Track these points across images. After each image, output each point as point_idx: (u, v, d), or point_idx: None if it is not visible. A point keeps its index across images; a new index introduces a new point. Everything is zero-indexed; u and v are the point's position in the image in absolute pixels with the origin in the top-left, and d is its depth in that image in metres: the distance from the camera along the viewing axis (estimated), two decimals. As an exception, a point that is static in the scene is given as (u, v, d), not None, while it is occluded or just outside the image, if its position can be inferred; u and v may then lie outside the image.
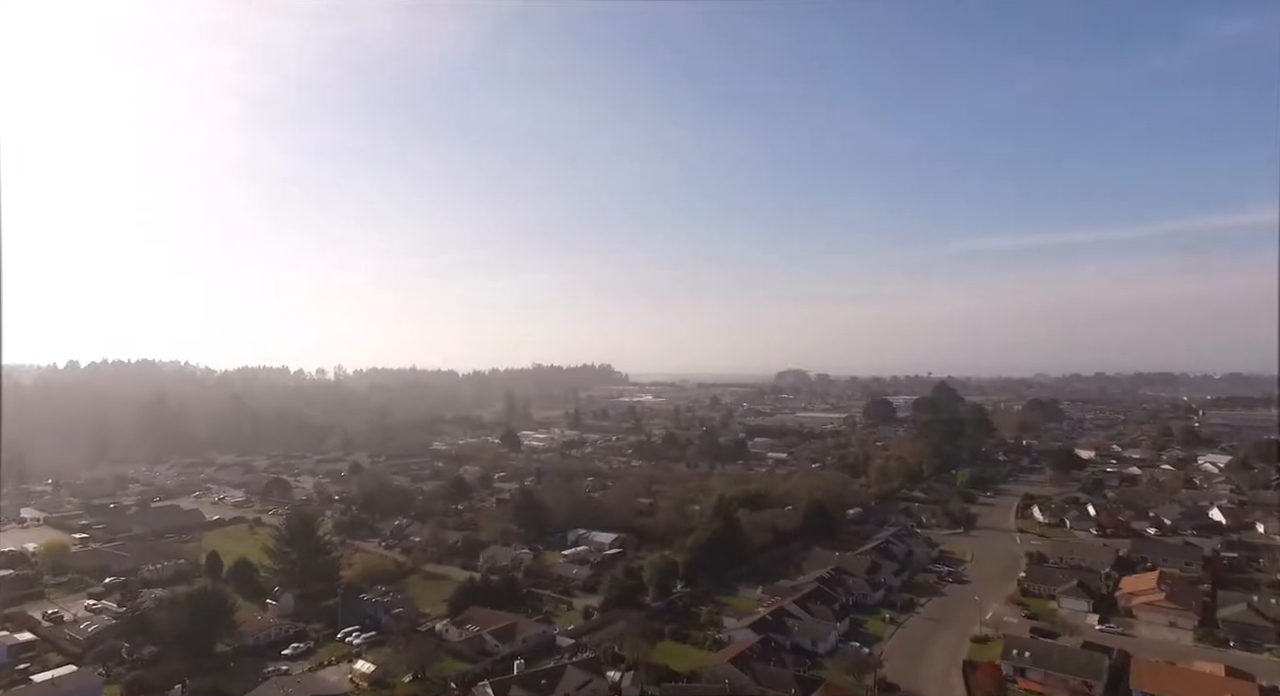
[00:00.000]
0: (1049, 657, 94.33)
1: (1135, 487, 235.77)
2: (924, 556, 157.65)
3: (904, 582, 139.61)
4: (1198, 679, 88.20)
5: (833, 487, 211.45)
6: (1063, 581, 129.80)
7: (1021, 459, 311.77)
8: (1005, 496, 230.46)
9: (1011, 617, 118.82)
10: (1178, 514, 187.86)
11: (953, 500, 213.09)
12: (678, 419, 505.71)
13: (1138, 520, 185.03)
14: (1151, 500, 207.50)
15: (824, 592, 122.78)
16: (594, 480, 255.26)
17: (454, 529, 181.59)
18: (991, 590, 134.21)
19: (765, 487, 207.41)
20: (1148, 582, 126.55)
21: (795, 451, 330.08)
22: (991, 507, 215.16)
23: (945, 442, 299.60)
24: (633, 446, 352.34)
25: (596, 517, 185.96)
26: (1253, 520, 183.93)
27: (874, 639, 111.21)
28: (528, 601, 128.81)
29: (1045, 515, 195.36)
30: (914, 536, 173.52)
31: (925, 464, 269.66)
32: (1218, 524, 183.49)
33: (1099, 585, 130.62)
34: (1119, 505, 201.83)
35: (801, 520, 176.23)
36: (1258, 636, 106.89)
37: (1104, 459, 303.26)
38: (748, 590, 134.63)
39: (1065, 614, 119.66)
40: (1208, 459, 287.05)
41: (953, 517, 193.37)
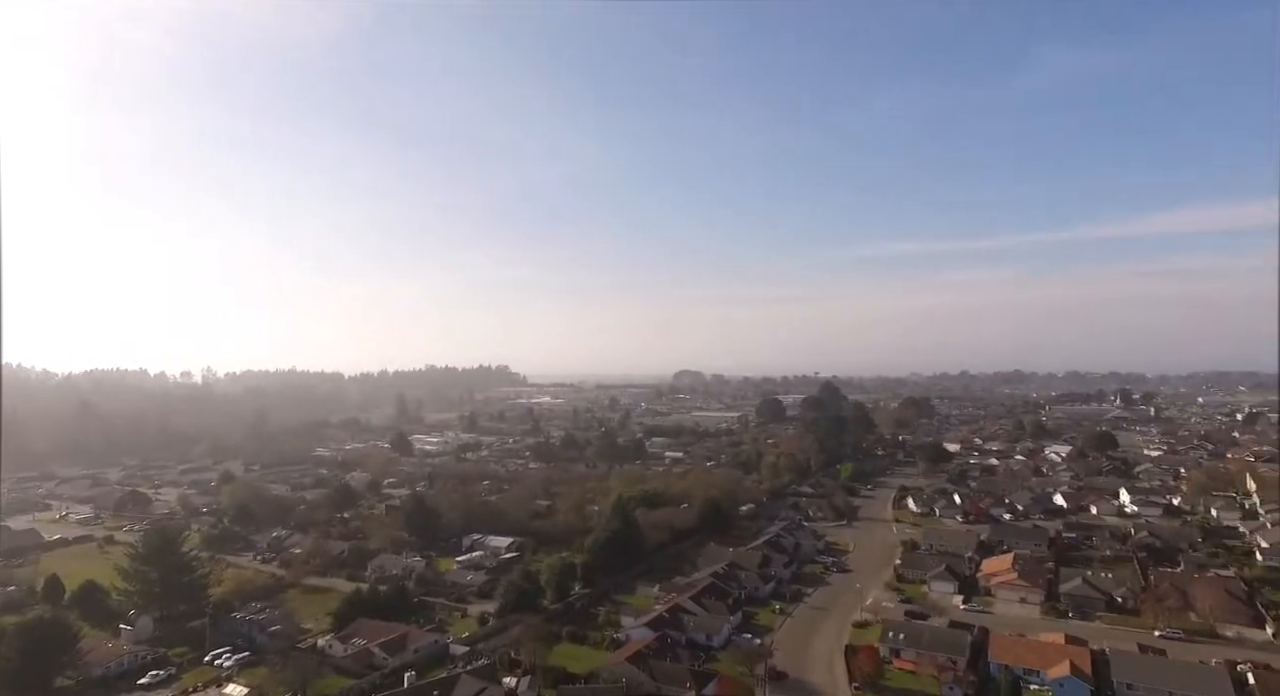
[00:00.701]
0: (920, 638, 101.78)
1: (994, 477, 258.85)
2: (811, 548, 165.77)
3: (793, 574, 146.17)
4: (1042, 648, 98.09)
5: (727, 485, 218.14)
6: (933, 566, 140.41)
7: (898, 453, 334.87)
8: (884, 488, 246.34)
9: (889, 602, 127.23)
10: (1028, 500, 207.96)
11: (837, 494, 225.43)
12: (576, 420, 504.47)
13: (996, 507, 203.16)
14: (1007, 488, 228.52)
15: (718, 587, 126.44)
16: (490, 483, 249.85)
17: (339, 538, 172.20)
18: (871, 577, 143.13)
19: (662, 487, 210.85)
20: (1004, 564, 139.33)
21: (691, 450, 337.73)
22: (872, 499, 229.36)
23: (830, 439, 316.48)
24: (531, 448, 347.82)
25: (493, 522, 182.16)
26: (1088, 503, 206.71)
27: (765, 629, 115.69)
28: (420, 611, 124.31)
29: (918, 505, 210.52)
30: (802, 529, 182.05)
31: (813, 459, 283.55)
32: (1060, 507, 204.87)
33: (963, 568, 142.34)
34: (980, 494, 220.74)
35: (697, 517, 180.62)
36: (1091, 606, 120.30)
37: (968, 452, 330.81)
38: (645, 588, 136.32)
39: (935, 596, 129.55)
40: (1052, 449, 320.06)
41: (837, 510, 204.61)
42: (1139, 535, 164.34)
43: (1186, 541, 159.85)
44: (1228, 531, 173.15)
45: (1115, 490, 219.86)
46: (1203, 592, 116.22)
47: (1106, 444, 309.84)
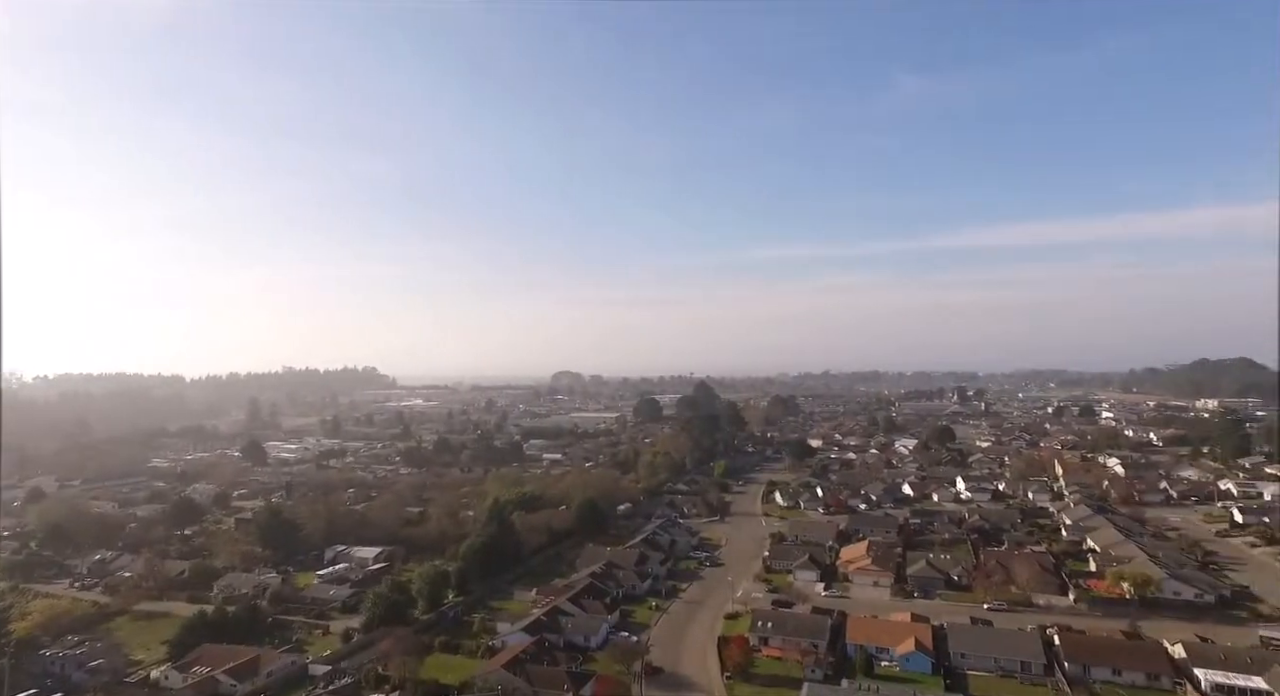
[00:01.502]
0: (786, 625, 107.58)
1: (852, 470, 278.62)
2: (686, 544, 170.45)
3: (669, 570, 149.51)
4: (892, 627, 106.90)
5: (605, 485, 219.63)
6: (797, 556, 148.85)
7: (767, 449, 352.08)
8: (754, 484, 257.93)
9: (758, 593, 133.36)
10: (881, 490, 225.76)
11: (711, 490, 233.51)
12: (451, 423, 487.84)
13: (853, 498, 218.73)
14: (863, 480, 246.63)
15: (596, 587, 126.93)
16: (356, 491, 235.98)
17: (180, 558, 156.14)
18: (742, 570, 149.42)
19: (540, 489, 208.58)
20: (860, 551, 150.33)
21: (570, 451, 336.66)
22: (743, 495, 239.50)
23: (705, 437, 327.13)
24: (401, 453, 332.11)
25: (360, 531, 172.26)
26: (930, 491, 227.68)
27: (642, 627, 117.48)
28: (276, 631, 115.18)
29: (785, 499, 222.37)
30: (678, 526, 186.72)
31: (688, 458, 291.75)
32: (908, 496, 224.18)
33: (825, 557, 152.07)
34: (840, 486, 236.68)
35: (575, 518, 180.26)
36: (933, 586, 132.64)
37: (829, 446, 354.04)
38: (523, 592, 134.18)
39: (799, 584, 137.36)
40: (901, 443, 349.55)
41: (711, 506, 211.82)
42: (972, 519, 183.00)
43: (1009, 522, 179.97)
44: (1041, 512, 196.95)
45: (953, 478, 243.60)
46: (1021, 567, 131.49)
47: (946, 437, 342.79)
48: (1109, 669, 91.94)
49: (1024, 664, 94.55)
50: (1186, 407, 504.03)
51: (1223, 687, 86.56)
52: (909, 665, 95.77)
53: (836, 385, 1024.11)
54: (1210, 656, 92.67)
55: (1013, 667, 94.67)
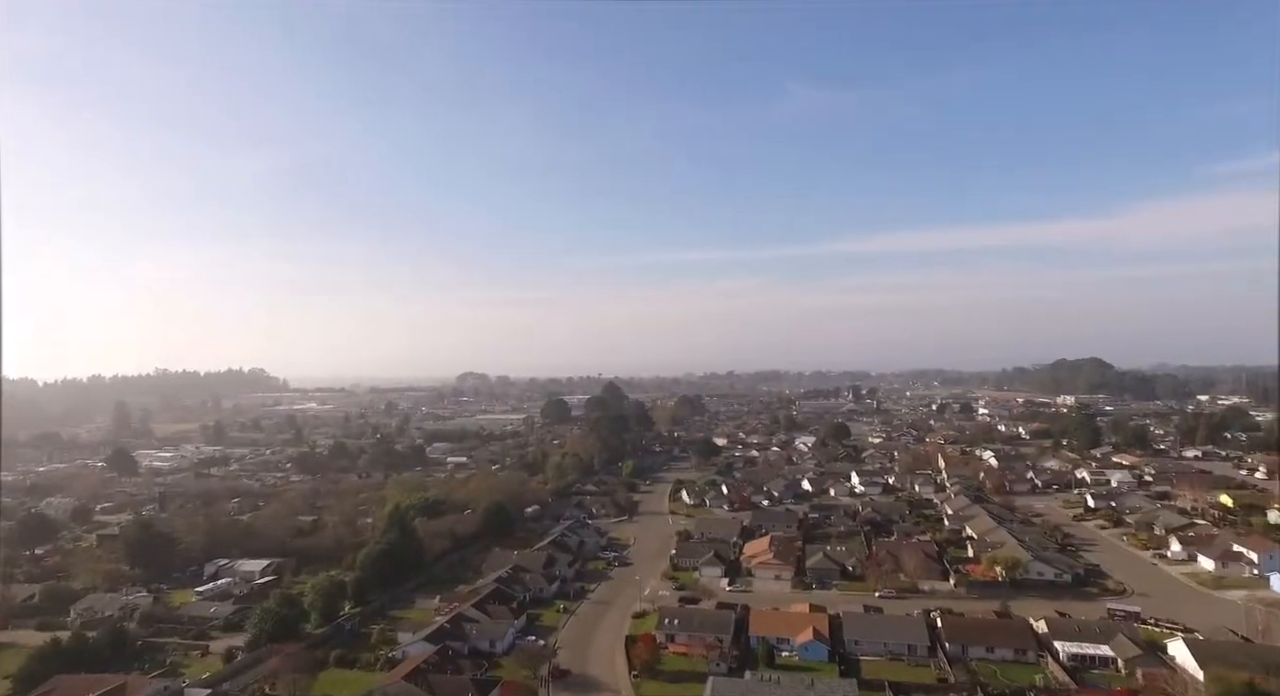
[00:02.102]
0: (692, 621, 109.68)
1: (755, 467, 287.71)
2: (595, 545, 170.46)
3: (577, 572, 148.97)
4: (792, 617, 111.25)
5: (512, 487, 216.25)
6: (703, 553, 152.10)
7: (674, 449, 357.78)
8: (662, 483, 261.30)
9: (665, 590, 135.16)
10: (782, 486, 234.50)
11: (619, 490, 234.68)
12: (348, 427, 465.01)
13: (756, 494, 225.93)
14: (766, 477, 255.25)
15: (502, 592, 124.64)
16: (242, 501, 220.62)
17: (29, 580, 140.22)
18: (650, 568, 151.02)
19: (445, 493, 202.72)
20: (762, 546, 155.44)
21: (475, 454, 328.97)
22: (651, 494, 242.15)
23: (613, 437, 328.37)
24: (293, 459, 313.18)
25: (245, 544, 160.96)
26: (828, 486, 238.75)
27: (550, 629, 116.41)
28: (147, 654, 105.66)
29: (691, 497, 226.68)
30: (586, 527, 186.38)
31: (596, 458, 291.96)
32: (807, 492, 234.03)
33: (729, 553, 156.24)
34: (744, 483, 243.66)
35: (481, 522, 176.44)
36: (830, 577, 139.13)
37: (734, 445, 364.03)
38: (426, 600, 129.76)
39: (705, 580, 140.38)
40: (801, 440, 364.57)
41: (619, 506, 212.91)
42: (865, 512, 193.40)
43: (899, 514, 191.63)
44: (926, 503, 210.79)
45: (848, 474, 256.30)
46: (908, 556, 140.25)
47: (842, 434, 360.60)
48: (983, 647, 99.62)
49: (910, 647, 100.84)
50: (1049, 404, 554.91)
51: (1077, 656, 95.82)
52: (807, 654, 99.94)
53: (741, 385, 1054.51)
54: (1067, 629, 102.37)
55: (901, 651, 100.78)
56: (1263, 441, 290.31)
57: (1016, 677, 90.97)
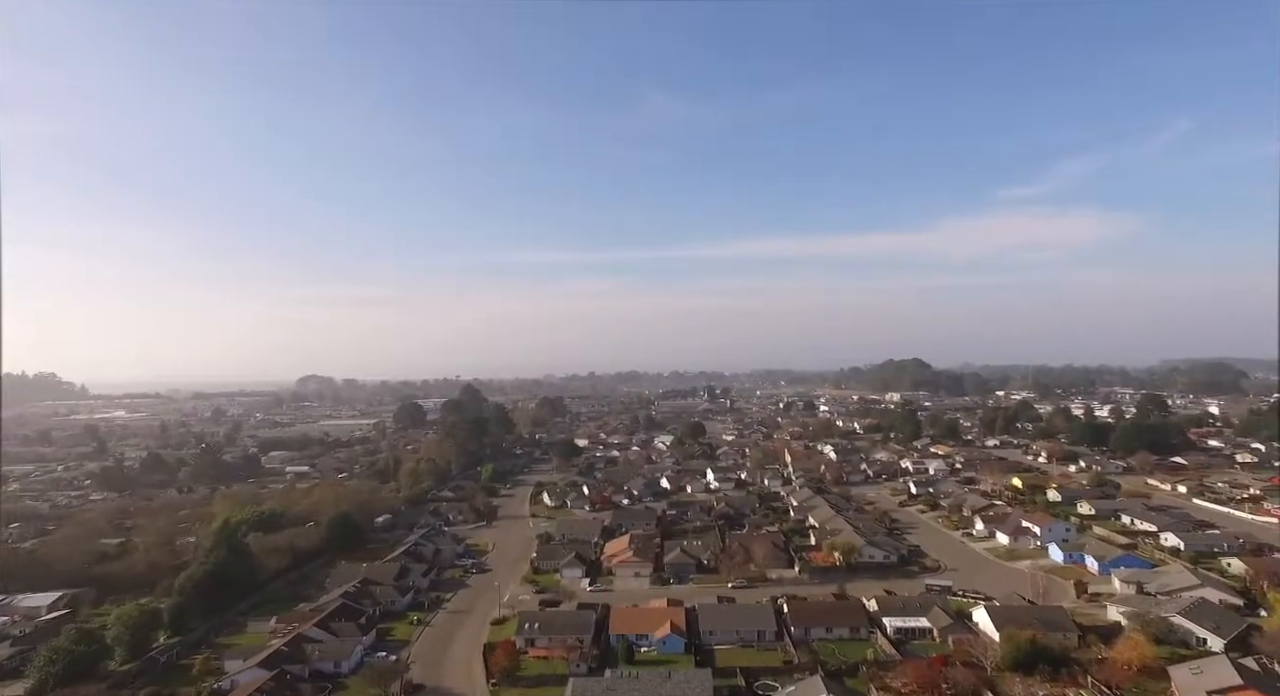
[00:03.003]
0: (552, 624, 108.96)
1: (616, 467, 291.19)
2: (451, 552, 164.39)
3: (432, 582, 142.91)
4: (651, 613, 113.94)
5: (361, 496, 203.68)
6: (564, 555, 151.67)
7: (535, 451, 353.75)
8: (522, 486, 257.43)
9: (526, 595, 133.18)
10: (642, 485, 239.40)
11: (477, 495, 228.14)
12: (165, 436, 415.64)
13: (617, 494, 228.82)
14: (626, 476, 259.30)
15: (350, 607, 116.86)
16: (23, 525, 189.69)
17: None
18: (510, 574, 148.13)
19: (283, 505, 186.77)
20: (622, 544, 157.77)
21: (320, 462, 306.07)
22: (511, 498, 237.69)
23: (471, 441, 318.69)
24: (94, 475, 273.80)
25: (30, 575, 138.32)
26: (685, 483, 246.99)
27: (402, 643, 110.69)
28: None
29: (552, 499, 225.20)
30: (442, 535, 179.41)
31: (453, 463, 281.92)
32: (665, 489, 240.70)
33: (590, 553, 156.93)
34: (605, 483, 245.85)
35: (326, 535, 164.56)
36: (687, 571, 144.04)
37: (595, 445, 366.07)
38: (260, 623, 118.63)
39: (566, 582, 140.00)
40: (660, 439, 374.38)
41: (477, 511, 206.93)
42: (719, 506, 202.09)
43: (750, 507, 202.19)
44: (774, 496, 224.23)
45: (704, 470, 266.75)
46: (758, 547, 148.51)
47: (698, 432, 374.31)
48: (824, 628, 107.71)
49: (760, 633, 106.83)
50: (880, 401, 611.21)
51: (901, 630, 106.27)
52: (666, 648, 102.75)
53: (602, 385, 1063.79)
54: (894, 606, 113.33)
55: (751, 637, 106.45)
56: (1044, 430, 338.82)
57: (852, 654, 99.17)
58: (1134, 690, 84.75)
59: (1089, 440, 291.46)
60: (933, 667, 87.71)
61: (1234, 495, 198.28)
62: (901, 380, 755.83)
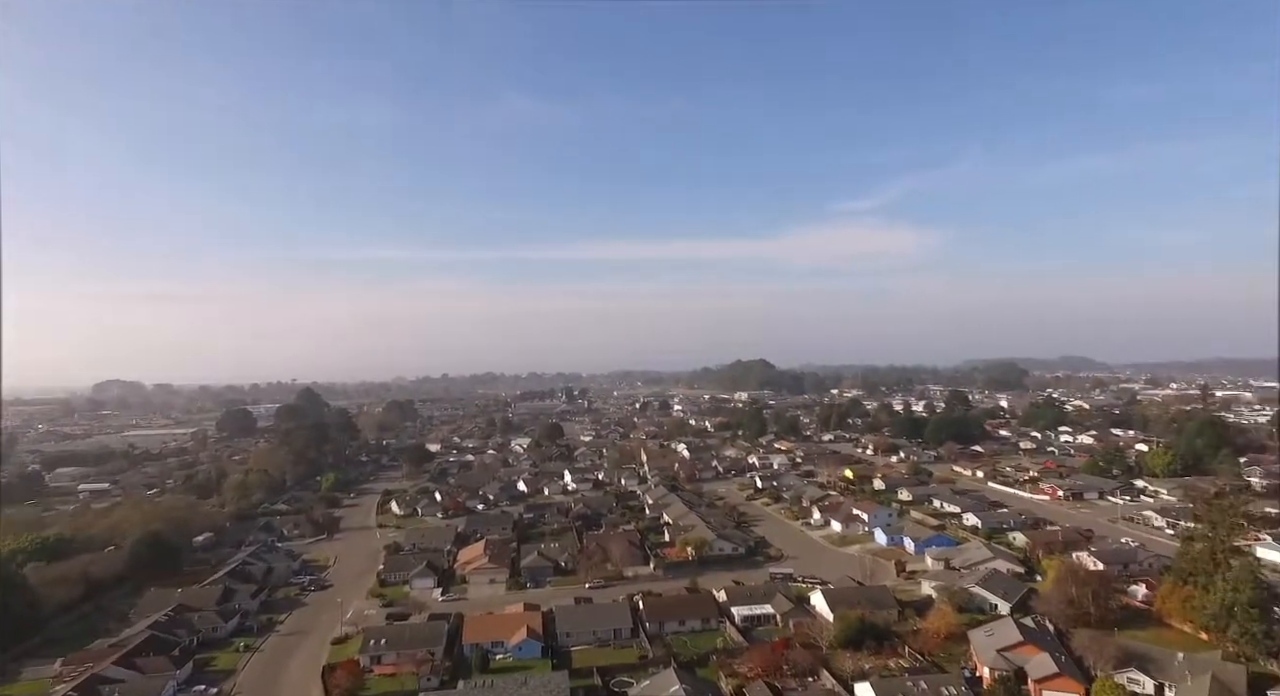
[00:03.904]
0: (400, 639, 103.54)
1: (470, 471, 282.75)
2: (286, 570, 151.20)
3: (263, 603, 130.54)
4: (506, 619, 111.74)
5: (176, 514, 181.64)
6: (415, 565, 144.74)
7: (383, 458, 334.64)
8: (368, 495, 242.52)
9: (372, 610, 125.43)
10: (498, 489, 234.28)
11: (317, 507, 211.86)
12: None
13: (471, 499, 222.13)
14: (481, 480, 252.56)
15: (160, 639, 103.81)
16: None
17: None
18: (353, 588, 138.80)
19: (75, 529, 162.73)
20: (477, 551, 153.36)
21: (123, 479, 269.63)
22: (356, 508, 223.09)
23: (310, 449, 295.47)
24: None
25: None
26: (542, 486, 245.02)
27: (227, 674, 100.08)
28: None
29: (401, 507, 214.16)
30: (275, 551, 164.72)
31: (289, 473, 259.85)
32: (522, 492, 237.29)
33: (443, 561, 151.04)
34: (459, 488, 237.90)
35: (130, 560, 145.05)
36: (544, 574, 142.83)
37: (449, 450, 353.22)
38: (41, 667, 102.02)
39: (417, 594, 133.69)
40: (517, 442, 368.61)
41: (317, 524, 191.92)
42: (577, 507, 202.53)
43: (607, 507, 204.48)
44: (631, 495, 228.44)
45: (562, 472, 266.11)
46: (615, 547, 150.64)
47: (555, 434, 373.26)
48: (677, 621, 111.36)
49: (617, 631, 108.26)
50: (729, 400, 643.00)
51: (747, 618, 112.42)
52: (522, 653, 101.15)
53: (456, 388, 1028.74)
54: (741, 595, 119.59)
55: (608, 636, 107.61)
56: (871, 425, 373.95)
57: (703, 645, 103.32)
58: (942, 655, 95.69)
59: (907, 433, 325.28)
60: (775, 651, 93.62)
61: (1018, 478, 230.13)
62: (749, 380, 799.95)
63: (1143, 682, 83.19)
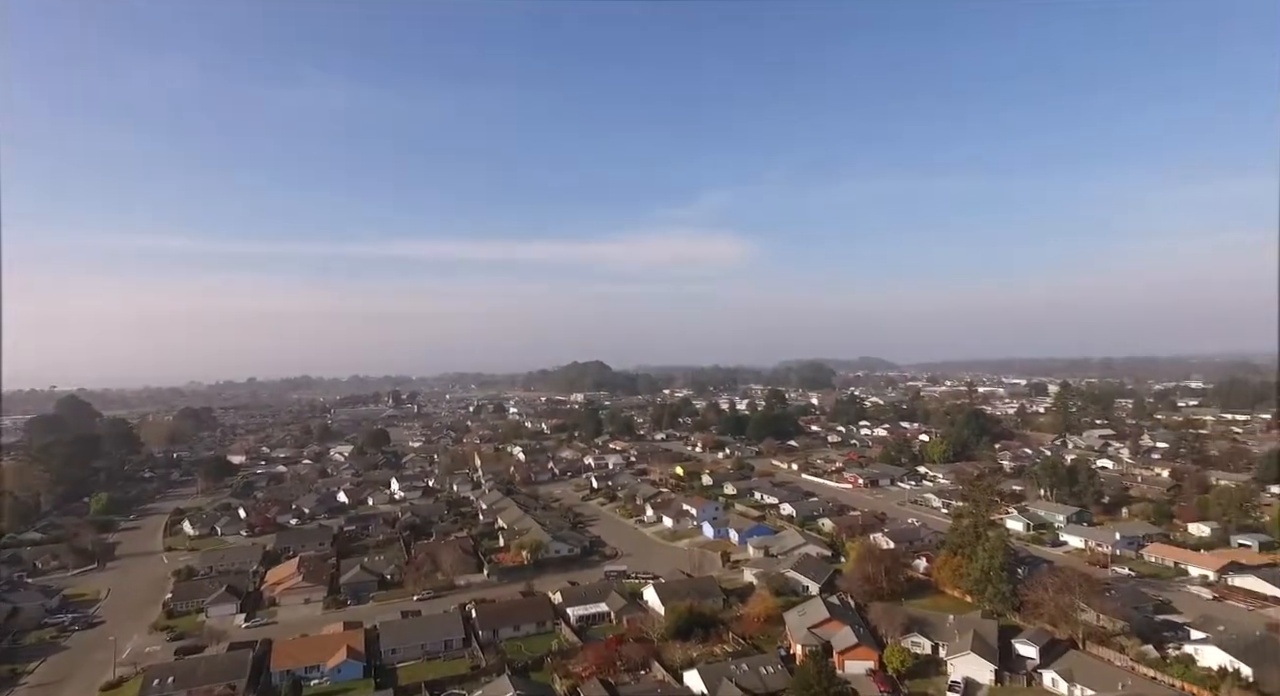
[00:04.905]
0: (193, 675, 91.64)
1: (282, 484, 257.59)
2: (37, 610, 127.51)
3: (5, 651, 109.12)
4: (323, 641, 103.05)
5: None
6: (212, 591, 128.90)
7: (173, 472, 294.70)
8: (154, 515, 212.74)
9: (157, 646, 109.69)
10: (315, 501, 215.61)
11: (83, 532, 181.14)
12: None
13: (283, 514, 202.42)
14: (295, 493, 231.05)
15: None
16: None
17: None
18: (133, 623, 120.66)
19: None
20: (289, 570, 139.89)
21: None
22: (138, 531, 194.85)
23: (74, 466, 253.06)
24: None
25: None
26: (366, 496, 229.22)
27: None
28: None
29: (196, 527, 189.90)
30: (23, 589, 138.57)
31: (44, 496, 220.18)
32: (343, 504, 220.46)
33: (248, 584, 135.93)
34: (268, 503, 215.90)
35: None
36: (367, 589, 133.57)
37: (255, 461, 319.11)
38: None
39: (214, 622, 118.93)
40: (337, 450, 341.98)
41: (84, 553, 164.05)
42: (405, 516, 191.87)
43: (438, 515, 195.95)
44: (464, 501, 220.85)
45: (388, 480, 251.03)
46: (446, 555, 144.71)
47: (381, 440, 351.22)
48: (511, 626, 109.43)
49: (447, 642, 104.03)
50: (566, 401, 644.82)
51: (582, 617, 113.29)
52: (341, 676, 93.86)
53: (265, 393, 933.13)
54: (576, 595, 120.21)
55: (438, 648, 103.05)
56: (700, 423, 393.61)
57: (538, 648, 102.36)
58: (761, 637, 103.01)
59: (733, 430, 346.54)
60: (609, 648, 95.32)
61: (827, 469, 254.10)
62: (585, 381, 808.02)
63: (923, 644, 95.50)
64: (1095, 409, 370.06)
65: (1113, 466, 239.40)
